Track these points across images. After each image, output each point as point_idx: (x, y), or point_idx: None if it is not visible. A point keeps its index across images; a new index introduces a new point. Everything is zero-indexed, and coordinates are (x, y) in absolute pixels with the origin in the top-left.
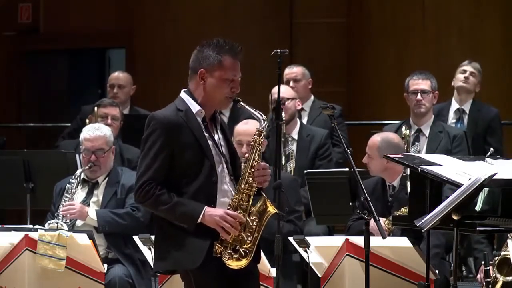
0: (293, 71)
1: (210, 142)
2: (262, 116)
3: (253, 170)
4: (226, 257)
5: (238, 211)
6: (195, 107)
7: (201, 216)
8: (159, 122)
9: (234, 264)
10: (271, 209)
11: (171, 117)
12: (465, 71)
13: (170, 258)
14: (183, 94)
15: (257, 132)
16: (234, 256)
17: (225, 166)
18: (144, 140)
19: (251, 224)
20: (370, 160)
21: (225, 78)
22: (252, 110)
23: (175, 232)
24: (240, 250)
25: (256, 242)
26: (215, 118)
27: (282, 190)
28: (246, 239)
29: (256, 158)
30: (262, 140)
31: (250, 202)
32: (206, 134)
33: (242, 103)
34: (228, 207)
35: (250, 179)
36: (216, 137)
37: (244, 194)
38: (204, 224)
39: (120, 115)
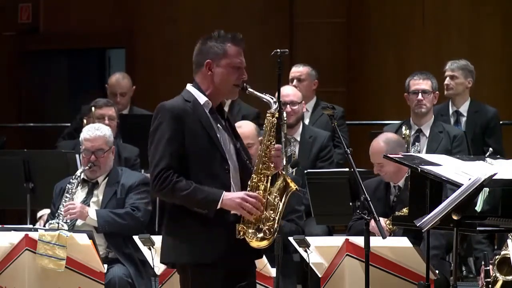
0: (298, 70)
1: (218, 134)
2: (272, 99)
3: (268, 151)
4: (249, 237)
5: (258, 192)
6: (202, 98)
7: (220, 200)
8: (168, 111)
9: (256, 244)
10: (292, 185)
11: (179, 106)
12: (447, 77)
13: (181, 250)
14: (189, 87)
15: (269, 115)
16: (258, 235)
17: (235, 157)
18: (153, 131)
19: (273, 201)
20: (382, 167)
21: (232, 65)
22: (261, 95)
23: (190, 223)
24: (264, 228)
25: (279, 220)
26: (222, 111)
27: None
28: (269, 216)
29: (271, 139)
30: (274, 121)
31: (269, 183)
32: (214, 126)
33: (250, 90)
34: (248, 188)
35: (267, 159)
36: (224, 125)
37: (262, 175)
38: (220, 219)
39: (116, 114)
